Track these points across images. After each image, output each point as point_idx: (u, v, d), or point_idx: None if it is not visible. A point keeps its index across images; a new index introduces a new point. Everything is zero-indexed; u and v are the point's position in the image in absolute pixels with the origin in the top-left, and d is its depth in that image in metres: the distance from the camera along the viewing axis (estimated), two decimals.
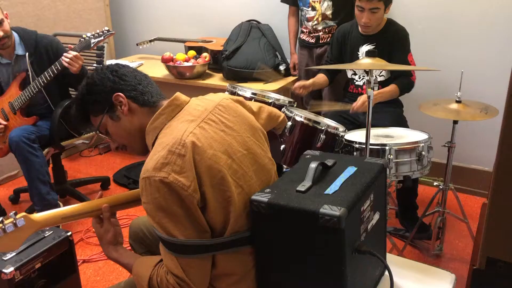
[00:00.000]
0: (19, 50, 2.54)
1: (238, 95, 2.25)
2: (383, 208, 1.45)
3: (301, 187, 1.25)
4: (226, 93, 2.31)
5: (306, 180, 1.28)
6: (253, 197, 1.23)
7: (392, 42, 2.50)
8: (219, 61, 3.25)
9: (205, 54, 3.34)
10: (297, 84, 2.60)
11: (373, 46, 2.52)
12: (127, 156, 3.68)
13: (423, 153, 2.06)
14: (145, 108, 1.31)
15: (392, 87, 2.48)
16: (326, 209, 1.14)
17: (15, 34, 2.53)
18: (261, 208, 1.22)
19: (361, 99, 2.31)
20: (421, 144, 2.08)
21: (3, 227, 1.27)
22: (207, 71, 3.34)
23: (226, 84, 2.99)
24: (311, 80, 2.65)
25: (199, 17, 3.72)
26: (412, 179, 2.11)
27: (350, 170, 1.36)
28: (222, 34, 3.51)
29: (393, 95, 2.49)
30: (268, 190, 1.26)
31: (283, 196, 1.22)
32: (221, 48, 3.29)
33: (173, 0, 3.79)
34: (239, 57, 3.17)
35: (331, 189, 1.25)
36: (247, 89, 2.33)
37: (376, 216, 1.38)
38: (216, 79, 3.24)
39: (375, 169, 1.39)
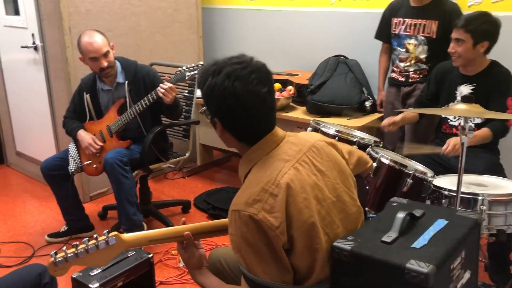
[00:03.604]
0: (120, 78, 2.74)
1: (322, 132, 2.24)
2: (474, 267, 1.35)
3: (386, 238, 1.20)
4: (309, 129, 2.31)
5: (392, 230, 1.23)
6: (335, 243, 1.20)
7: (492, 83, 2.38)
8: (304, 95, 3.27)
9: (290, 87, 3.38)
10: (386, 121, 2.54)
11: (473, 87, 2.41)
12: (208, 181, 3.79)
13: None
14: (242, 143, 1.31)
15: (485, 131, 2.33)
16: (413, 265, 1.09)
17: (117, 64, 2.73)
18: (342, 256, 1.19)
19: (451, 142, 2.19)
20: None
21: (96, 243, 1.35)
22: (291, 104, 3.38)
23: (308, 118, 3.01)
24: (400, 116, 2.58)
25: (286, 50, 3.80)
26: (507, 233, 1.95)
27: (440, 223, 1.29)
28: (308, 67, 3.55)
29: (485, 140, 2.34)
30: (351, 237, 1.22)
31: (367, 245, 1.18)
32: (306, 82, 3.32)
33: (262, 34, 3.90)
34: (324, 91, 3.17)
35: (419, 243, 1.19)
36: (331, 126, 2.31)
37: (467, 275, 1.29)
38: (299, 112, 3.26)
39: (468, 224, 1.31)
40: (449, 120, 2.55)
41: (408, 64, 2.87)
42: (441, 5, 2.73)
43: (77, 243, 1.34)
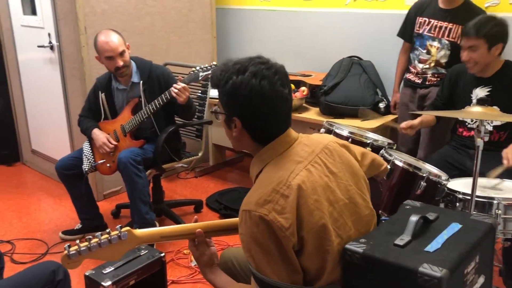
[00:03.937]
0: (135, 78, 2.76)
1: (335, 133, 2.23)
2: (489, 272, 1.33)
3: (399, 241, 1.19)
4: (322, 130, 2.30)
5: (405, 233, 1.22)
6: (347, 246, 1.20)
7: (509, 83, 2.34)
8: (317, 96, 3.26)
9: (303, 88, 3.38)
10: (404, 124, 2.51)
11: (489, 89, 2.38)
12: (220, 181, 3.80)
13: None
14: (256, 143, 1.30)
15: None
16: (426, 269, 1.08)
17: (133, 63, 2.75)
18: (354, 259, 1.18)
19: (510, 156, 2.12)
20: None
21: (109, 237, 1.37)
22: (304, 104, 3.37)
23: (321, 119, 3.00)
24: (418, 120, 2.55)
25: (299, 51, 3.79)
26: None
27: (454, 227, 1.28)
28: (321, 68, 3.53)
29: None
30: (363, 240, 1.22)
31: (379, 248, 1.18)
32: (319, 83, 3.31)
33: (276, 34, 3.90)
34: (337, 92, 3.15)
35: (432, 247, 1.18)
36: (345, 127, 2.30)
37: (481, 280, 1.27)
38: (312, 113, 3.26)
39: (483, 228, 1.29)
40: (467, 123, 2.51)
41: (427, 66, 2.82)
42: (470, 11, 2.65)
43: (90, 236, 1.36)
